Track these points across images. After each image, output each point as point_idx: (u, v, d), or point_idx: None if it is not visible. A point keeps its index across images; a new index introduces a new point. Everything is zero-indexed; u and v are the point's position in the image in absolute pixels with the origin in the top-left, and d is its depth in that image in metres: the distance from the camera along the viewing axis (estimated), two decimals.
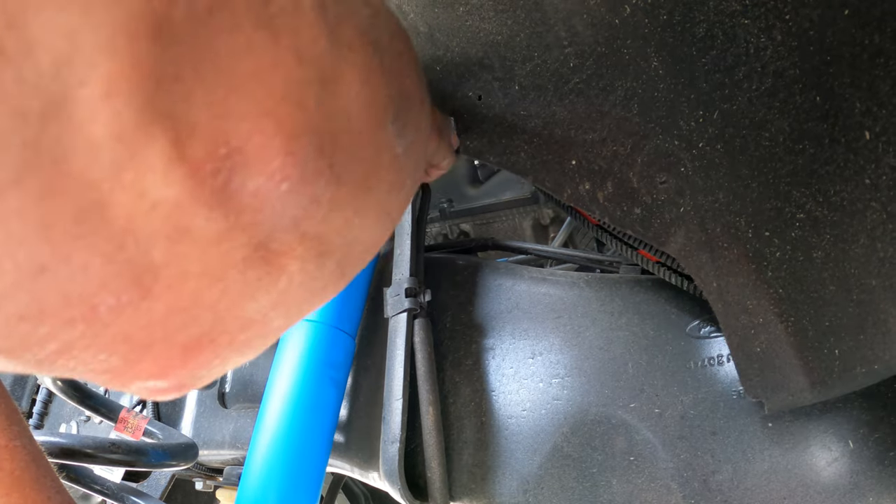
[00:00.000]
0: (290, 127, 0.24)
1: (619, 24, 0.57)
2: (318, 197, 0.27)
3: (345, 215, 0.29)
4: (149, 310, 0.23)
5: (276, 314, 0.29)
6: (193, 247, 0.23)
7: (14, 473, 0.56)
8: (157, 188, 0.21)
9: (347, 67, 0.27)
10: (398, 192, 0.35)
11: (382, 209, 0.34)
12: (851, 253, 0.54)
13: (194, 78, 0.21)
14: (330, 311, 0.89)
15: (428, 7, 0.67)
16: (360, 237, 0.32)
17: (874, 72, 0.48)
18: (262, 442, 0.82)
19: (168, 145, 0.21)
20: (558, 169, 0.70)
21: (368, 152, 0.30)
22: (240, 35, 0.22)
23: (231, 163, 0.23)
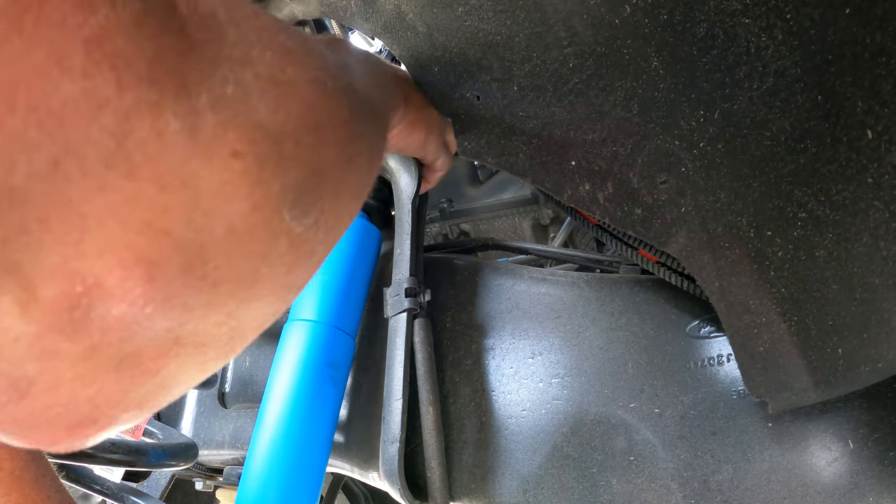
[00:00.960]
0: (151, 255, 0.25)
1: (619, 23, 0.57)
2: (191, 307, 0.27)
3: (227, 310, 0.30)
4: (29, 405, 0.26)
5: (158, 395, 0.30)
6: (63, 362, 0.25)
7: (14, 473, 0.56)
8: (16, 326, 0.23)
9: (230, 177, 0.27)
10: (304, 265, 0.35)
11: (281, 288, 0.34)
12: (854, 252, 0.54)
13: (41, 228, 0.22)
14: (330, 311, 0.89)
15: (427, 7, 0.67)
16: (249, 319, 0.33)
17: (876, 70, 0.48)
18: (261, 442, 0.82)
19: (19, 291, 0.22)
20: (558, 170, 0.70)
21: (256, 248, 0.30)
22: (90, 180, 0.22)
23: (89, 298, 0.24)
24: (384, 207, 1.02)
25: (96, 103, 0.22)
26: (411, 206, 0.89)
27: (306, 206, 0.33)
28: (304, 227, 0.33)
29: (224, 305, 0.30)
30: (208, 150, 0.26)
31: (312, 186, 0.33)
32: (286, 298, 0.36)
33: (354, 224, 0.95)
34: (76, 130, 0.22)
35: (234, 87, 0.27)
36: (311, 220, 0.34)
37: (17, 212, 0.21)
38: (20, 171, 0.21)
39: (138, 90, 0.23)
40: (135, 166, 0.23)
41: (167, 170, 0.24)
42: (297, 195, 0.32)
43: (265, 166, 0.29)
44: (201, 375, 0.33)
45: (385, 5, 0.71)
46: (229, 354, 0.34)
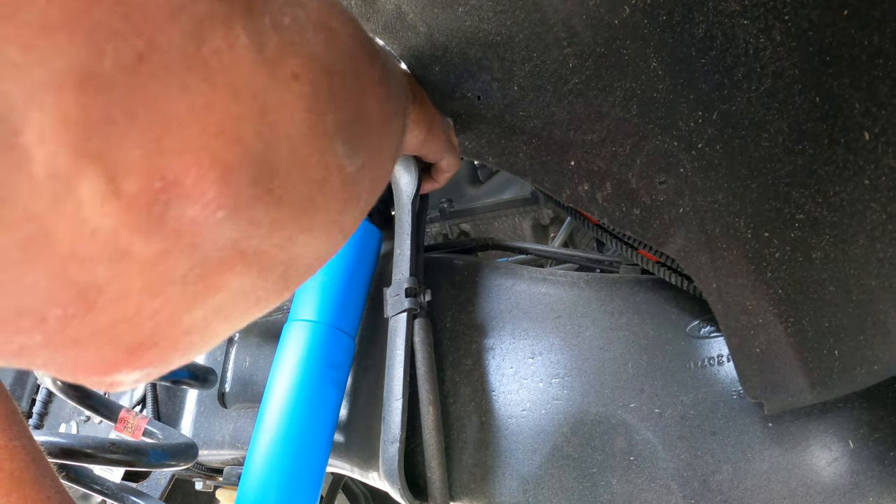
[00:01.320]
0: (226, 160, 0.26)
1: (619, 24, 0.57)
2: (258, 220, 0.28)
3: (287, 233, 0.31)
4: (94, 320, 0.26)
5: (217, 322, 0.31)
6: (133, 266, 0.25)
7: (14, 473, 0.57)
8: (94, 218, 0.23)
9: (290, 98, 0.29)
10: (352, 208, 0.37)
11: (333, 225, 0.36)
12: (851, 253, 0.54)
13: (127, 120, 0.22)
14: (330, 311, 0.89)
15: (427, 7, 0.67)
16: (306, 252, 0.34)
17: (873, 72, 0.48)
18: (261, 442, 0.82)
19: (101, 181, 0.23)
20: (557, 170, 0.70)
21: (314, 175, 0.31)
22: (172, 79, 0.23)
23: (167, 195, 0.24)
24: (384, 208, 1.02)
25: (175, 5, 0.23)
26: (411, 207, 0.89)
27: (355, 146, 0.35)
28: (354, 167, 0.35)
29: (285, 227, 0.31)
30: (273, 67, 0.27)
31: (359, 131, 0.36)
32: (336, 240, 0.38)
33: None
34: (159, 28, 0.23)
35: (290, 19, 0.29)
36: (360, 163, 0.36)
37: (102, 99, 0.22)
38: (107, 59, 0.21)
39: (211, 1, 0.24)
40: (211, 72, 0.25)
41: (240, 80, 0.26)
42: (347, 133, 0.34)
43: (319, 95, 0.30)
44: (256, 308, 0.34)
45: (385, 5, 0.71)
46: (282, 292, 0.35)
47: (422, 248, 0.92)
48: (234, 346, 1.14)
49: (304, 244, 0.33)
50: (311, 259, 0.36)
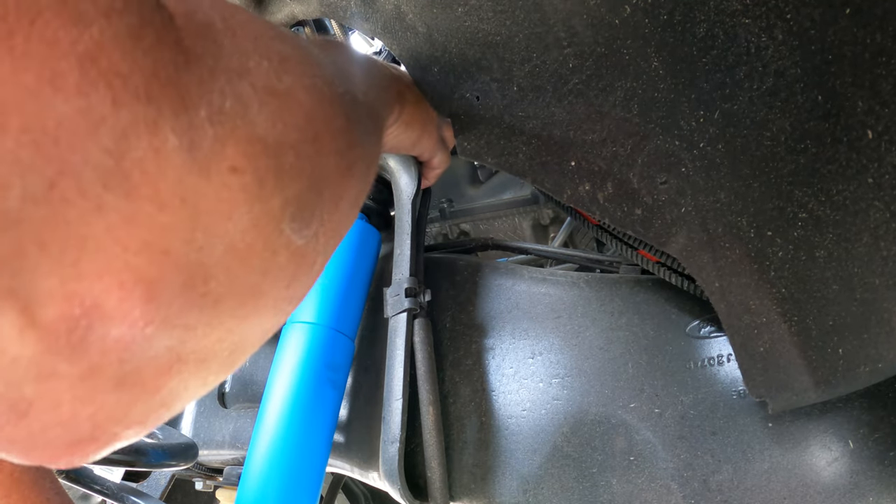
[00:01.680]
0: (151, 275, 0.25)
1: (619, 24, 0.57)
2: (192, 325, 0.27)
3: (227, 327, 0.30)
4: (28, 426, 0.26)
5: (158, 413, 0.30)
6: (61, 382, 0.25)
7: (13, 475, 0.56)
8: (13, 348, 0.23)
9: (228, 194, 0.27)
10: (304, 276, 0.35)
11: (282, 301, 0.34)
12: (854, 252, 0.54)
13: (38, 251, 0.22)
14: (329, 313, 0.89)
15: (427, 7, 0.67)
16: (252, 333, 0.33)
17: (876, 70, 0.48)
18: (261, 444, 0.82)
19: (15, 314, 0.22)
20: (557, 170, 0.70)
21: (256, 264, 0.30)
22: (88, 200, 0.22)
23: (87, 319, 0.24)
24: (384, 209, 1.02)
25: (92, 122, 0.21)
26: (411, 206, 0.89)
27: (306, 217, 0.33)
28: (304, 240, 0.33)
29: (225, 322, 0.29)
30: (207, 166, 0.26)
31: (312, 197, 0.33)
32: (286, 311, 0.36)
33: (354, 226, 0.95)
34: (72, 150, 0.21)
35: (232, 100, 0.27)
36: (311, 232, 0.33)
37: (12, 234, 0.21)
38: (14, 193, 0.20)
39: (135, 107, 0.23)
40: (133, 185, 0.23)
41: (166, 188, 0.24)
42: (296, 208, 0.31)
43: (265, 182, 0.28)
44: (203, 390, 0.33)
45: (385, 5, 0.71)
46: (231, 368, 0.34)
47: (422, 248, 0.92)
48: None
49: (248, 328, 0.32)
50: (259, 337, 0.34)
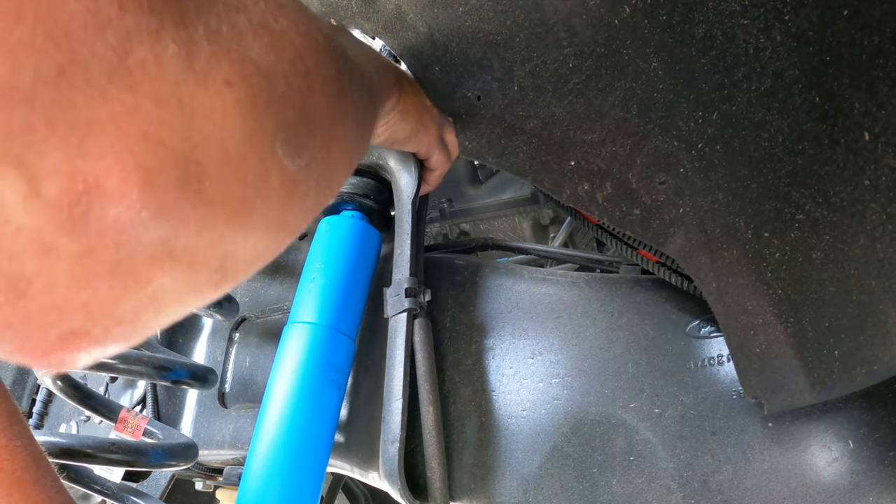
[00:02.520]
0: (149, 163, 0.27)
1: (619, 24, 0.57)
2: (186, 220, 0.30)
3: (219, 232, 0.32)
4: (25, 307, 0.27)
5: (149, 313, 0.32)
6: (60, 261, 0.27)
7: (15, 474, 0.56)
8: (18, 217, 0.25)
9: (222, 104, 0.30)
10: (296, 206, 0.38)
11: (274, 224, 0.37)
12: (851, 254, 0.54)
13: (47, 128, 0.24)
14: (330, 313, 0.89)
15: (427, 7, 0.67)
16: (244, 249, 0.35)
17: (873, 72, 0.48)
18: (262, 444, 0.81)
19: (21, 183, 0.24)
20: (557, 169, 0.70)
21: (249, 176, 0.32)
22: (93, 89, 0.25)
23: (89, 196, 0.26)
24: (384, 209, 1.02)
25: (100, 22, 0.24)
26: (411, 207, 0.89)
27: (298, 146, 0.36)
28: (296, 167, 0.36)
29: (217, 226, 0.32)
30: (203, 75, 0.29)
31: (304, 130, 0.37)
32: (279, 238, 0.39)
33: (354, 227, 0.95)
34: (81, 43, 0.24)
35: (228, 26, 0.30)
36: (304, 162, 0.37)
37: (24, 109, 0.23)
38: (28, 72, 0.23)
39: (139, 15, 0.26)
40: (135, 82, 0.26)
41: (165, 88, 0.27)
42: (288, 134, 0.35)
43: (258, 100, 0.32)
44: (191, 300, 0.35)
45: (386, 5, 0.71)
46: (220, 285, 0.36)
47: (422, 249, 0.92)
48: (234, 346, 1.14)
49: (241, 242, 0.34)
50: (251, 255, 0.37)
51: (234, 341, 1.14)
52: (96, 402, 0.98)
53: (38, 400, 1.36)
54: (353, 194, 0.99)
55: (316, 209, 0.43)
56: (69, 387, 0.94)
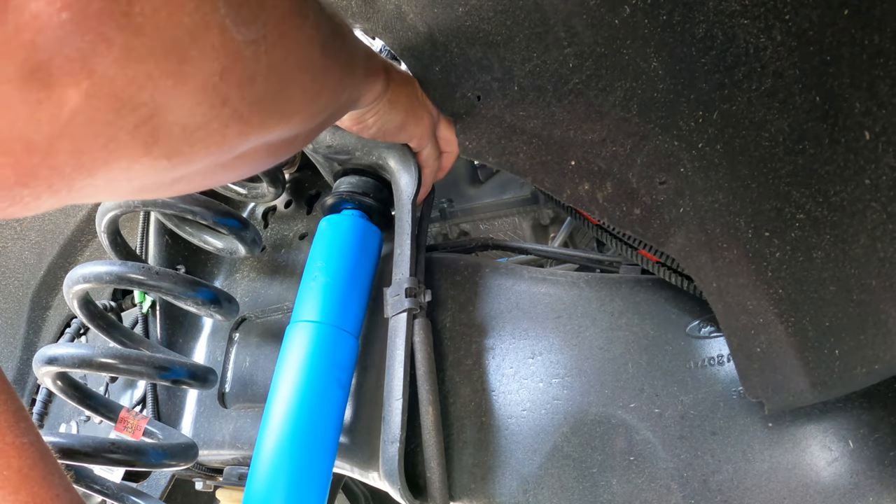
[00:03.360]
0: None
1: (619, 24, 0.57)
2: (108, 38, 0.28)
3: (147, 70, 0.31)
4: None
5: (62, 147, 0.30)
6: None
7: (22, 471, 0.56)
8: None
9: None
10: (237, 81, 0.37)
11: (211, 88, 0.35)
12: (851, 253, 0.54)
13: None
14: (333, 311, 0.89)
15: (427, 7, 0.67)
16: (174, 104, 0.34)
17: (874, 72, 0.48)
18: (268, 444, 0.81)
19: None
20: (557, 169, 0.70)
21: (185, 20, 0.31)
22: None
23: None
24: (385, 208, 1.02)
25: None
26: (411, 206, 0.89)
27: (246, 17, 0.35)
28: (242, 37, 0.35)
29: (145, 60, 0.30)
30: None
31: (254, 4, 0.36)
32: (216, 107, 0.37)
33: (355, 225, 0.96)
34: None
35: None
36: (252, 36, 0.36)
37: None
38: None
39: None
40: None
41: None
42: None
43: None
44: (113, 155, 0.33)
45: (386, 5, 0.71)
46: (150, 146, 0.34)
47: (423, 248, 0.92)
48: (234, 346, 1.14)
49: (171, 94, 0.33)
50: (183, 118, 0.35)
51: (234, 341, 1.14)
52: (96, 402, 0.98)
53: (38, 400, 1.36)
54: (353, 193, 0.99)
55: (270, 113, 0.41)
56: (69, 387, 0.94)
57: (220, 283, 1.22)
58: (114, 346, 1.02)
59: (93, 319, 1.00)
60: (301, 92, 0.47)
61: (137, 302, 1.21)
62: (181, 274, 0.94)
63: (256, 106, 0.40)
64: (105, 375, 1.24)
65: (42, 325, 1.43)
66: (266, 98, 0.41)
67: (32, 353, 1.37)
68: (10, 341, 1.45)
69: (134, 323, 1.21)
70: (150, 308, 1.19)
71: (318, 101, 0.52)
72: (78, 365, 0.86)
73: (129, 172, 0.35)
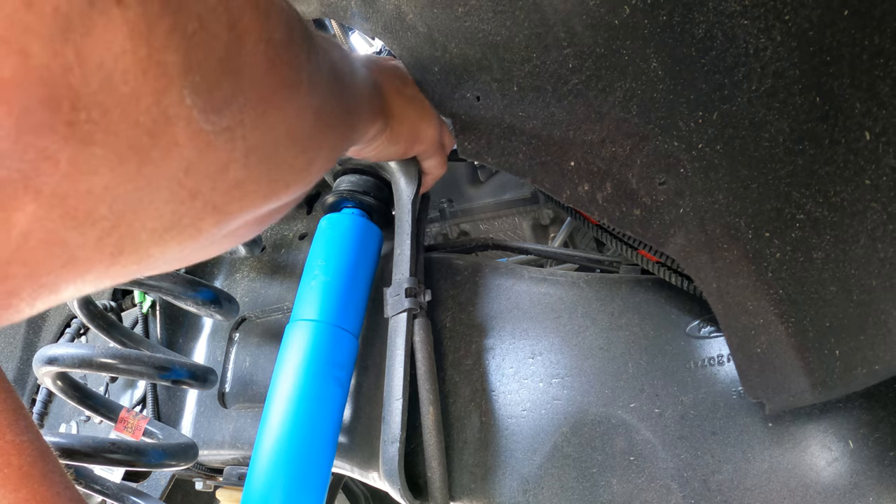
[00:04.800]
0: (5, 73, 0.23)
1: (619, 24, 0.57)
2: (52, 154, 0.26)
3: (103, 182, 0.28)
4: None
5: (16, 272, 0.28)
6: None
7: (22, 469, 0.56)
8: None
9: (108, 23, 0.25)
10: (208, 175, 0.33)
11: (180, 188, 0.32)
12: (852, 253, 0.54)
13: None
14: (332, 310, 0.89)
15: (427, 8, 0.67)
16: (143, 213, 0.31)
17: (874, 72, 0.48)
18: (267, 443, 0.81)
19: None
20: (557, 170, 0.70)
21: (143, 119, 0.28)
22: None
23: None
24: (385, 207, 1.02)
25: None
26: (411, 207, 0.89)
27: (216, 102, 0.31)
28: (212, 126, 0.31)
29: (98, 173, 0.28)
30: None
31: (226, 86, 0.32)
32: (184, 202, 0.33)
33: (355, 223, 0.96)
34: None
35: None
36: (224, 124, 0.32)
37: None
38: None
39: None
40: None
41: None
42: (203, 82, 0.30)
43: (156, 28, 0.27)
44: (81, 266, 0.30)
45: (385, 5, 0.71)
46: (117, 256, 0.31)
47: (422, 248, 0.92)
48: (234, 346, 1.14)
49: (133, 200, 0.30)
50: (150, 222, 0.32)
51: (234, 341, 1.14)
52: (96, 402, 0.98)
53: (38, 400, 1.36)
54: (353, 191, 0.99)
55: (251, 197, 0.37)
56: (69, 387, 0.94)
57: (220, 283, 1.22)
58: (114, 346, 1.02)
59: (93, 319, 1.00)
60: (289, 168, 0.42)
61: (137, 302, 1.21)
62: (181, 274, 0.94)
63: (234, 192, 0.36)
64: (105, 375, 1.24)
65: (42, 325, 1.43)
66: (246, 182, 0.37)
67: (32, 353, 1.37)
68: (10, 341, 1.45)
69: (134, 323, 1.22)
70: (150, 308, 1.19)
71: (309, 171, 0.47)
72: (78, 365, 0.86)
73: (99, 282, 0.33)
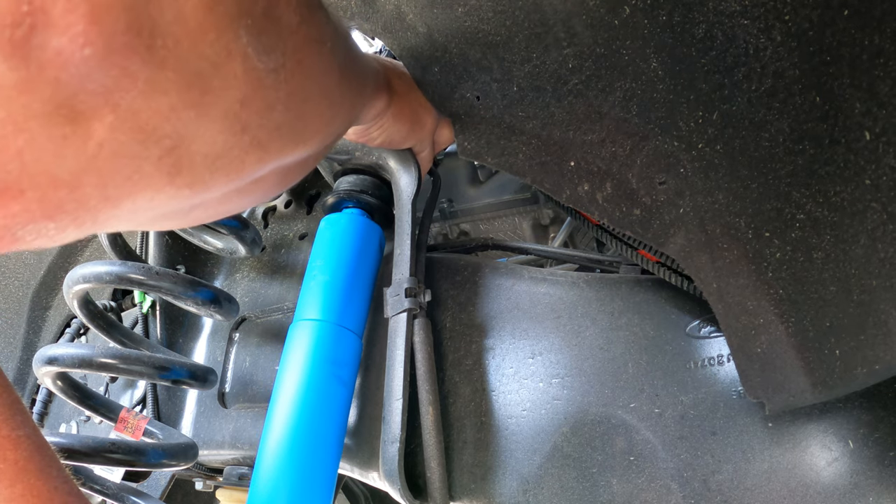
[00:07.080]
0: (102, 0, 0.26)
1: (619, 24, 0.57)
2: (132, 73, 0.28)
3: (170, 102, 0.31)
4: None
5: (88, 181, 0.31)
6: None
7: (18, 463, 0.55)
8: None
9: None
10: (258, 107, 0.37)
11: (233, 118, 0.36)
12: (852, 253, 0.54)
13: None
14: (335, 309, 0.89)
15: (427, 8, 0.67)
16: (197, 134, 0.34)
17: (874, 72, 0.48)
18: (272, 443, 0.81)
19: None
20: (557, 170, 0.70)
21: (208, 51, 0.31)
22: None
23: (32, 19, 0.25)
24: (386, 206, 1.02)
25: None
26: (411, 206, 0.89)
27: (265, 44, 0.35)
28: (263, 65, 0.35)
29: (168, 94, 0.31)
30: None
31: (271, 30, 0.36)
32: (238, 137, 0.37)
33: (355, 223, 0.96)
34: None
35: None
36: (272, 64, 0.36)
37: None
38: None
39: None
40: None
41: None
42: (255, 25, 0.34)
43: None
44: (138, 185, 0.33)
45: (385, 5, 0.71)
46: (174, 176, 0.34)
47: (423, 248, 0.92)
48: (234, 346, 1.14)
49: (194, 124, 0.33)
50: (205, 147, 0.35)
51: (234, 341, 1.14)
52: (96, 402, 0.98)
53: (38, 400, 1.36)
54: (354, 191, 0.99)
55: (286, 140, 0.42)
56: (69, 387, 0.94)
57: (220, 283, 1.22)
58: (114, 346, 1.02)
59: (93, 319, 1.00)
60: (318, 117, 0.47)
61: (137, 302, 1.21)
62: (181, 274, 0.94)
63: (275, 133, 0.41)
64: (105, 375, 1.24)
65: (42, 325, 1.43)
66: (284, 125, 0.41)
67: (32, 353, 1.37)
68: (10, 341, 1.45)
69: (134, 323, 1.22)
70: (150, 308, 1.19)
71: (333, 124, 0.53)
72: (78, 365, 0.86)
73: (153, 202, 0.36)
